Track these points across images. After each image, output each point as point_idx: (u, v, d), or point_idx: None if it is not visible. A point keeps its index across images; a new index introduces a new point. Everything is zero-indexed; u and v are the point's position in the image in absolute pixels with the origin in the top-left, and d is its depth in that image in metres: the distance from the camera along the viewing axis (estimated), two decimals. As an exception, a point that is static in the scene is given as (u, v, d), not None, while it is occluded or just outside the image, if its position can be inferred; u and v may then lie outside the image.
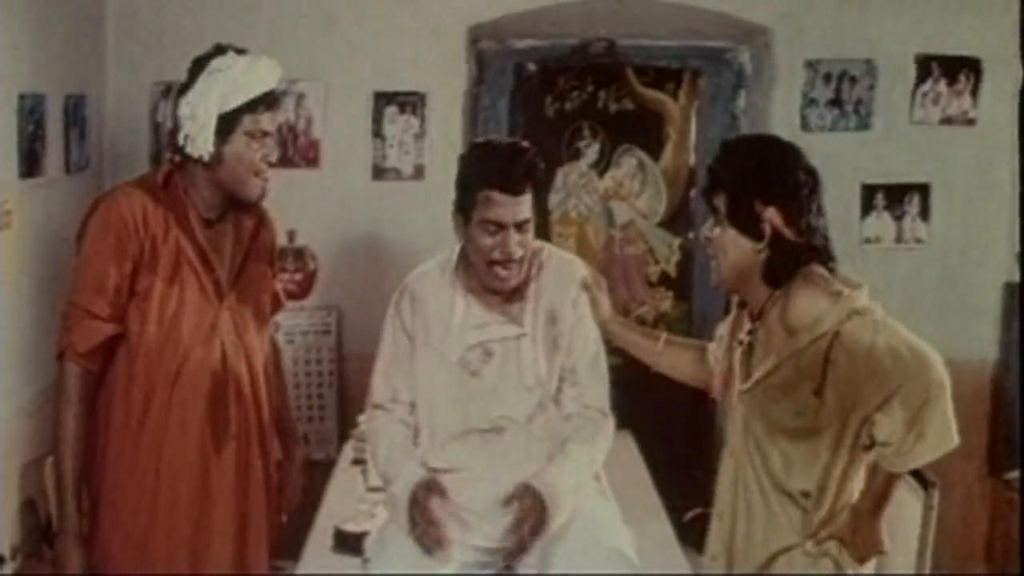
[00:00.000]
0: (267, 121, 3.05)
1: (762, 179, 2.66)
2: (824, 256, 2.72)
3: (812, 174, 2.70)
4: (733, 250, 2.69)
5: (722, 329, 3.01)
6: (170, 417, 3.02)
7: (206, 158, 3.01)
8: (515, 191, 2.89)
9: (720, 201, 2.70)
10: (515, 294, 3.05)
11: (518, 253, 2.94)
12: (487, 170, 2.91)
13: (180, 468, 3.02)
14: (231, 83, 2.99)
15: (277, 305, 3.39)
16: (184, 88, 3.06)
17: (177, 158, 3.07)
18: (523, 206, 2.91)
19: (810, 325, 2.62)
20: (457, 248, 3.10)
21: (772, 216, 2.65)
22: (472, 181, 2.92)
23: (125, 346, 3.02)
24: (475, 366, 3.02)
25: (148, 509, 3.02)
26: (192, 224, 3.06)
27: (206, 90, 2.99)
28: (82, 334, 2.98)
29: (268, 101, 3.05)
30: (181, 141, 3.03)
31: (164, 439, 3.01)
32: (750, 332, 2.79)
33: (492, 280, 2.98)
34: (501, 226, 2.90)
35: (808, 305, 2.64)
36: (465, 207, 2.95)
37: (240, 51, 3.07)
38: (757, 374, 2.73)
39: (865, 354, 2.59)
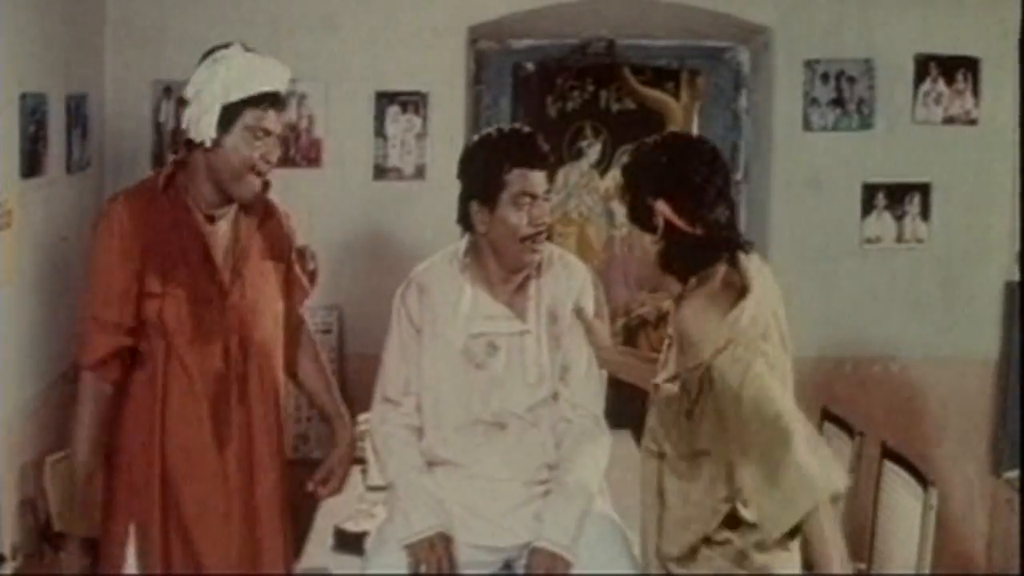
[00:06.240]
0: (270, 120, 3.02)
1: (650, 174, 2.75)
2: (732, 246, 2.74)
3: (712, 166, 2.75)
4: (639, 247, 2.80)
5: None
6: (176, 416, 3.02)
7: (207, 143, 2.99)
8: (543, 166, 3.05)
9: (625, 202, 2.82)
10: (520, 291, 3.08)
11: (548, 220, 3.06)
12: (517, 150, 3.04)
13: (185, 467, 3.02)
14: (234, 74, 2.98)
15: (302, 295, 3.32)
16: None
17: (179, 156, 3.07)
18: (545, 179, 3.06)
19: (694, 348, 2.65)
20: (463, 242, 3.12)
21: (662, 208, 2.71)
22: (501, 163, 3.02)
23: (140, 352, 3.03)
24: (480, 359, 3.04)
25: (156, 503, 3.02)
26: (195, 222, 3.05)
27: (210, 76, 2.99)
28: (92, 345, 2.99)
29: (273, 101, 3.03)
30: (184, 124, 3.03)
31: (168, 438, 3.01)
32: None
33: (525, 256, 3.03)
34: (535, 197, 3.01)
35: (693, 322, 2.66)
36: (492, 190, 3.01)
37: (249, 49, 3.05)
38: (660, 376, 2.77)
39: (733, 397, 2.59)
